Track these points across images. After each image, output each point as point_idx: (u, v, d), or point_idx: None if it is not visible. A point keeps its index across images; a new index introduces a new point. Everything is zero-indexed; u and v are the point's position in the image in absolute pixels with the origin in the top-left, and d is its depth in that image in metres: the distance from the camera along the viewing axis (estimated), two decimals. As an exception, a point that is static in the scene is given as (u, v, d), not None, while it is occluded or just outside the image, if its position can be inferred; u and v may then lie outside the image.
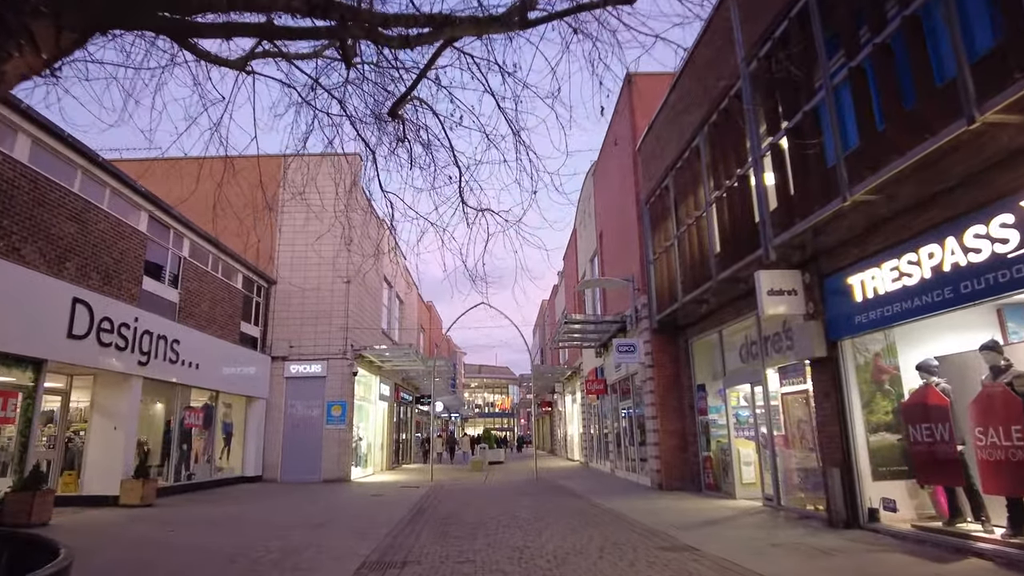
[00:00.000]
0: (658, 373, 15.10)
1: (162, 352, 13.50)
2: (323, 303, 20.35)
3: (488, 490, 16.13)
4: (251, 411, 18.93)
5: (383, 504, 13.00)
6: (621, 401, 19.01)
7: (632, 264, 16.74)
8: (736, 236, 10.62)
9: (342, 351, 19.96)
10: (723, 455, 13.21)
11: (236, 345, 17.83)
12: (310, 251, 20.68)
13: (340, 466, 19.14)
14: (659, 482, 14.65)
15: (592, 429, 25.31)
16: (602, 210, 21.54)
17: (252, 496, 14.67)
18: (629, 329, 16.17)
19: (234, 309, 17.90)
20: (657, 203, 15.02)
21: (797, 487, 10.25)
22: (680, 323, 14.76)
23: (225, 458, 18.03)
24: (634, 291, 16.13)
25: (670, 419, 14.87)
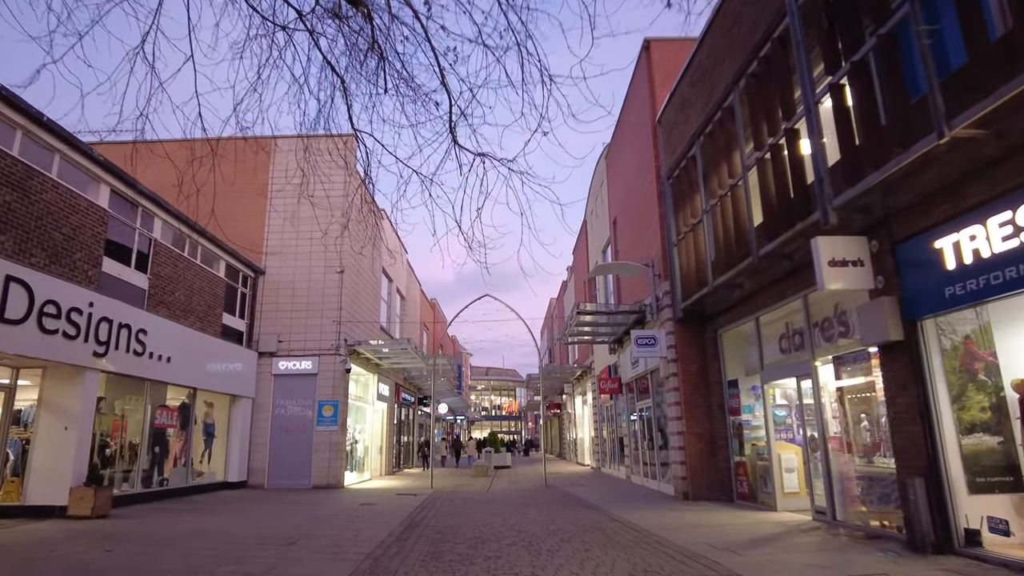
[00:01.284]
0: (683, 368, 13.47)
1: (124, 343, 12.00)
2: (315, 295, 18.83)
3: (492, 499, 14.52)
4: (235, 411, 17.42)
5: (373, 515, 11.43)
6: (638, 401, 17.36)
7: (651, 249, 15.13)
8: (783, 202, 9.00)
9: (335, 347, 18.43)
10: (760, 460, 11.55)
11: (217, 339, 16.33)
12: (301, 239, 19.24)
13: (332, 471, 17.59)
14: (684, 491, 13.00)
15: (604, 432, 23.65)
16: (616, 194, 19.93)
17: (228, 505, 13.13)
18: (649, 320, 14.54)
19: (215, 299, 16.41)
20: (681, 177, 13.41)
21: (858, 499, 8.59)
22: (708, 312, 13.13)
23: (206, 462, 16.51)
24: (654, 278, 14.51)
25: (696, 420, 13.23)
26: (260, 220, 19.47)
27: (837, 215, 7.64)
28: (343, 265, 18.99)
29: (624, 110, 18.21)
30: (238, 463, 17.09)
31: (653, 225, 15.02)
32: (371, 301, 22.00)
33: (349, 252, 19.30)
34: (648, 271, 14.54)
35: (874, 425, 8.20)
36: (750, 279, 10.78)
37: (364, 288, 21.05)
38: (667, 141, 14.34)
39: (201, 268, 15.74)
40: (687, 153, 12.90)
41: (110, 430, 12.50)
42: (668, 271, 14.01)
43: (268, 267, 19.06)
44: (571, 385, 33.07)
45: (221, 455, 17.01)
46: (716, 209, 11.42)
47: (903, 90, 6.59)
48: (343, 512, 11.95)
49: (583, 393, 29.86)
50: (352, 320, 19.33)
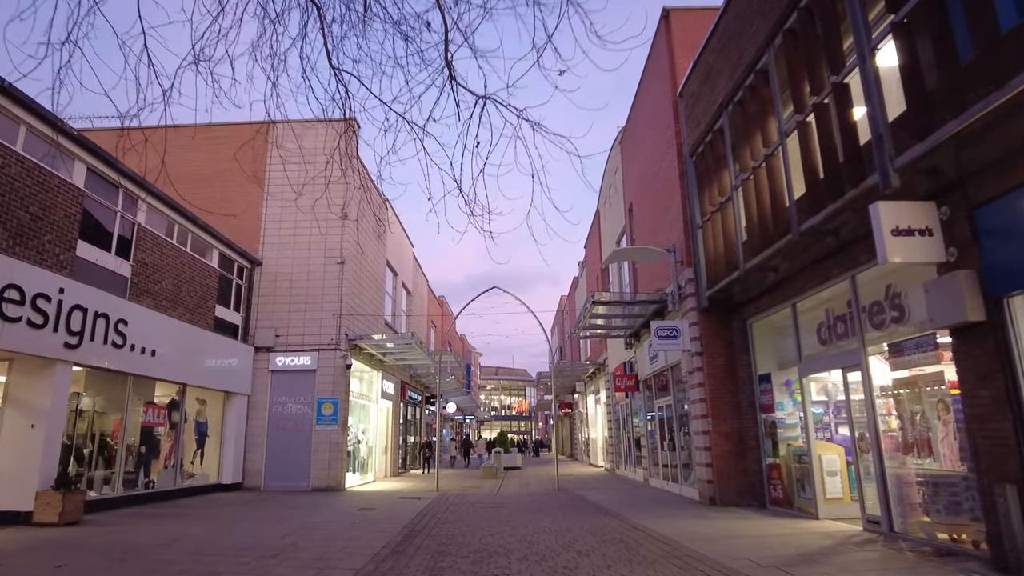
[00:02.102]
0: (708, 362, 12.36)
1: (101, 334, 11.07)
2: (314, 287, 17.88)
3: (501, 503, 13.48)
4: (230, 409, 16.49)
5: (370, 522, 10.42)
6: (657, 398, 16.25)
7: (672, 234, 14.03)
8: (830, 169, 7.90)
9: (335, 341, 17.46)
10: (797, 463, 10.43)
11: (210, 332, 15.40)
12: (300, 229, 18.29)
13: (332, 473, 16.62)
14: (710, 495, 11.90)
15: (619, 432, 22.54)
16: (632, 179, 18.83)
17: (217, 509, 12.18)
18: (670, 310, 13.45)
19: (207, 290, 15.48)
20: (706, 153, 12.31)
21: (920, 508, 7.47)
22: (736, 300, 12.03)
23: (198, 463, 15.59)
24: (676, 264, 13.41)
25: (723, 419, 12.12)
26: (257, 209, 18.55)
27: (899, 177, 6.55)
28: (344, 256, 18.02)
29: (641, 88, 17.11)
30: (232, 464, 16.15)
31: (674, 208, 13.93)
32: (374, 295, 21.04)
33: (351, 242, 18.34)
34: (669, 257, 13.44)
35: (941, 422, 7.08)
36: (787, 260, 9.68)
37: (367, 281, 20.08)
38: (689, 115, 13.24)
39: (191, 257, 14.82)
40: (713, 126, 11.80)
41: (89, 429, 11.57)
42: (691, 256, 12.92)
43: (265, 258, 18.14)
44: (583, 383, 31.97)
45: (214, 456, 16.09)
46: (748, 184, 10.32)
47: (991, 19, 5.49)
48: (339, 518, 10.95)
49: (596, 392, 28.76)
50: (353, 313, 18.35)
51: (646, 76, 16.51)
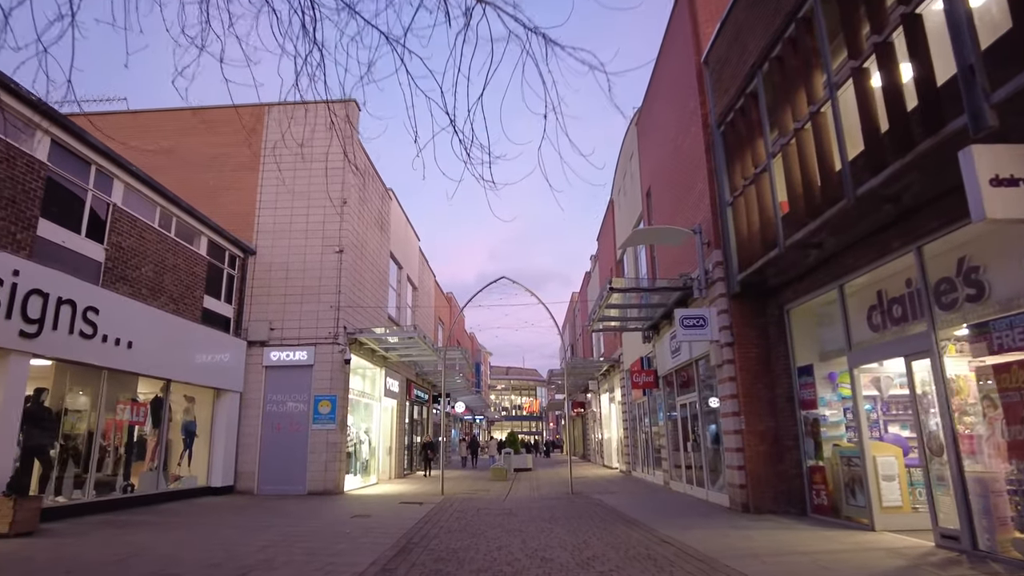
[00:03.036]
0: (740, 354, 11.13)
1: (66, 322, 10.01)
2: (311, 278, 16.80)
3: (510, 509, 12.31)
4: (220, 407, 15.43)
5: (363, 531, 9.29)
6: (679, 395, 15.01)
7: (696, 215, 12.81)
8: (897, 120, 6.65)
9: (333, 335, 16.36)
10: (846, 466, 9.17)
11: (198, 324, 14.36)
12: (296, 215, 17.23)
13: (329, 475, 15.51)
14: (742, 501, 10.67)
15: (636, 432, 21.30)
16: (650, 162, 17.61)
17: (199, 516, 11.10)
18: (696, 297, 12.22)
19: (194, 280, 14.42)
20: (736, 122, 11.09)
21: (1014, 522, 6.21)
22: (771, 284, 10.79)
23: (185, 465, 14.54)
24: (702, 246, 12.18)
25: (758, 416, 10.88)
26: (251, 195, 17.51)
27: (997, 114, 5.32)
28: (343, 244, 16.91)
29: (660, 61, 15.88)
30: (223, 466, 15.09)
31: (699, 186, 12.70)
32: (376, 287, 19.93)
33: (350, 231, 17.24)
34: (695, 238, 12.21)
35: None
36: (835, 234, 8.45)
37: (368, 272, 18.98)
38: (716, 82, 12.02)
39: (176, 243, 13.76)
40: (745, 89, 10.57)
41: (55, 428, 10.52)
42: (720, 237, 11.69)
43: (260, 247, 17.08)
44: (596, 382, 30.72)
45: (204, 457, 15.03)
46: (788, 150, 9.08)
47: None
48: (329, 527, 9.82)
49: (610, 390, 27.52)
50: (353, 306, 17.25)
51: (666, 46, 15.28)
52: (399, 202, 23.90)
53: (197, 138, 18.16)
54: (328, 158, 17.58)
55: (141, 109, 18.69)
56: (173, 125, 18.39)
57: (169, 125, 18.40)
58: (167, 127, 18.37)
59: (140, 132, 18.36)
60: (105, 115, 18.60)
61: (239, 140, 17.97)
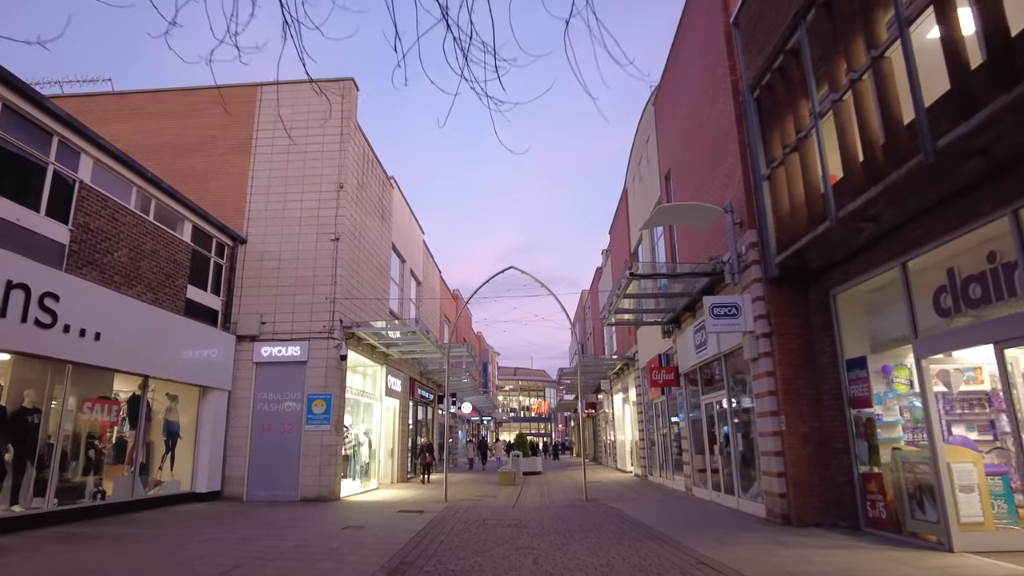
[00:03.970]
0: (779, 345, 9.88)
1: (17, 309, 8.89)
2: (305, 268, 15.66)
3: (519, 520, 11.12)
4: (207, 406, 14.31)
5: (351, 547, 8.11)
6: (704, 394, 13.75)
7: (725, 193, 11.58)
8: (995, 54, 5.42)
9: (328, 329, 15.21)
10: (910, 473, 7.90)
11: (180, 316, 13.24)
12: (290, 202, 16.12)
13: (324, 480, 14.36)
14: (782, 512, 9.41)
15: (654, 434, 20.03)
16: (670, 142, 16.37)
17: (171, 527, 9.96)
18: (728, 283, 10.97)
19: (176, 268, 13.31)
20: (773, 84, 9.86)
21: None
22: (815, 266, 9.53)
23: (168, 469, 13.42)
24: (733, 227, 10.94)
25: (800, 415, 9.63)
26: (242, 181, 16.41)
27: None
28: (339, 232, 15.77)
29: (681, 29, 14.64)
30: (209, 470, 13.96)
31: (728, 161, 11.47)
32: (376, 279, 18.78)
33: (347, 217, 16.10)
34: (725, 218, 10.97)
35: None
36: (898, 203, 7.21)
37: (366, 263, 17.84)
38: (748, 43, 10.78)
39: (156, 228, 12.65)
40: (784, 45, 9.33)
41: (13, 429, 9.40)
42: (755, 215, 10.45)
43: (251, 235, 15.96)
44: (608, 381, 29.46)
45: (188, 460, 13.91)
46: (842, 106, 7.84)
47: None
48: (316, 540, 8.64)
49: (623, 390, 26.25)
50: (351, 298, 16.10)
51: (688, 12, 14.03)
52: (401, 191, 22.76)
53: (185, 120, 17.09)
54: (324, 139, 16.48)
55: (126, 91, 17.64)
56: (160, 107, 17.33)
57: (156, 107, 17.34)
58: (154, 109, 17.31)
59: (125, 115, 17.33)
60: (89, 97, 17.57)
61: (229, 122, 16.89)
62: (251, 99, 17.08)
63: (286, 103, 16.94)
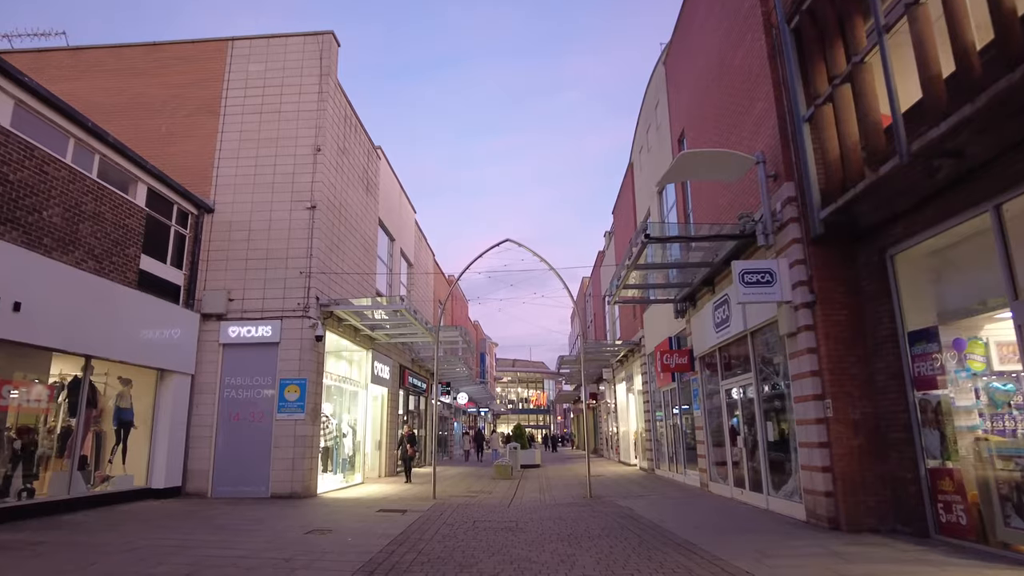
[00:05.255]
0: (823, 317, 8.33)
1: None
2: (277, 238, 14.08)
3: (515, 522, 9.60)
4: (165, 391, 12.76)
5: (308, 557, 6.59)
6: (724, 379, 12.22)
7: (754, 144, 10.01)
8: None
9: (303, 306, 13.65)
10: (1002, 469, 6.36)
11: (132, 290, 11.69)
12: (262, 166, 14.53)
13: (297, 475, 12.83)
14: (829, 514, 7.89)
15: (664, 424, 18.52)
16: (684, 100, 14.76)
17: (104, 531, 8.43)
18: (761, 244, 9.38)
19: (126, 235, 11.73)
20: (817, 7, 8.26)
21: None
22: (866, 221, 7.97)
23: (120, 462, 11.89)
24: (766, 181, 9.37)
25: (850, 399, 8.09)
26: (209, 144, 14.79)
27: None
28: (315, 199, 14.17)
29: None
30: (167, 463, 12.43)
31: (758, 106, 9.88)
32: (359, 255, 17.20)
33: (324, 183, 14.50)
34: (757, 169, 9.40)
35: None
36: (992, 128, 5.65)
37: (349, 236, 16.25)
38: (786, -36, 9.17)
39: (99, 187, 11.05)
40: (836, -47, 7.73)
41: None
42: (792, 166, 8.88)
43: (218, 203, 14.36)
44: (611, 370, 27.94)
45: (143, 452, 12.37)
46: (919, 10, 6.24)
47: None
48: (268, 549, 7.11)
49: (627, 378, 24.72)
50: (328, 272, 14.52)
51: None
52: (390, 164, 21.14)
53: (148, 78, 15.47)
54: (300, 97, 14.86)
55: (83, 46, 15.99)
56: (121, 64, 15.70)
57: (116, 64, 15.70)
58: (113, 66, 15.67)
59: (82, 72, 15.69)
60: (42, 52, 15.92)
61: (196, 80, 15.27)
62: (220, 55, 15.45)
63: (259, 59, 15.32)
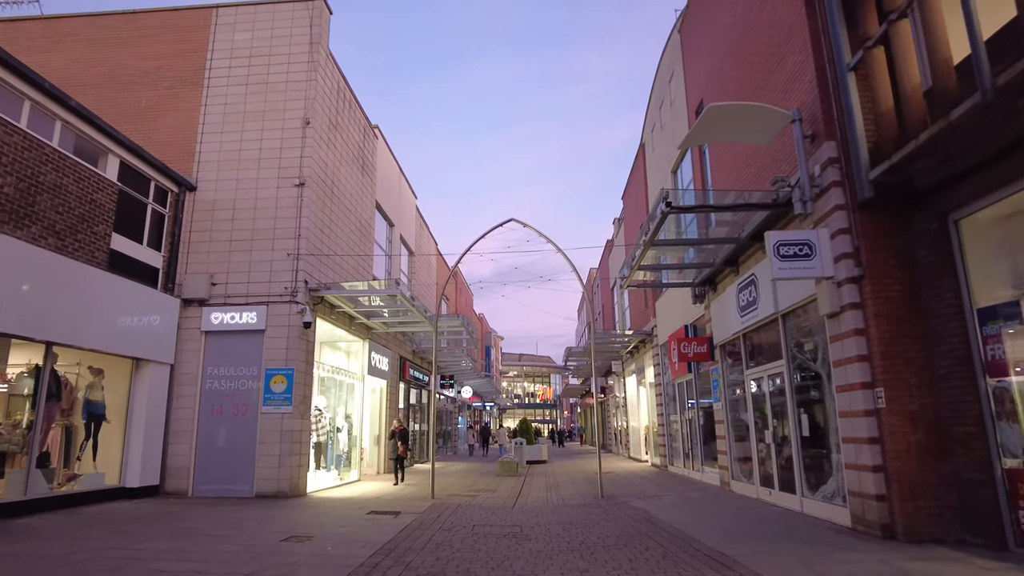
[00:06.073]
0: (873, 293, 7.24)
1: None
2: (264, 218, 13.07)
3: (520, 527, 8.59)
4: (141, 382, 11.79)
5: (277, 570, 5.58)
6: (751, 367, 11.13)
7: (788, 101, 8.89)
8: None
9: (290, 291, 12.65)
10: (1105, 469, 5.27)
11: (101, 271, 10.71)
12: (248, 141, 13.53)
13: (284, 472, 11.85)
14: (882, 520, 6.82)
15: (678, 418, 17.44)
16: (702, 65, 13.63)
17: (49, 539, 7.48)
18: (799, 212, 8.27)
19: (95, 211, 10.74)
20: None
21: None
22: (923, 181, 6.86)
23: (90, 459, 10.94)
24: (802, 140, 8.26)
25: (906, 388, 7.01)
26: (192, 118, 13.78)
27: None
28: (304, 176, 13.15)
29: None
30: (143, 460, 11.47)
31: (792, 60, 8.77)
32: (355, 239, 16.18)
33: (314, 159, 13.47)
34: (793, 128, 8.30)
35: None
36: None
37: (342, 217, 15.23)
38: None
39: (61, 156, 10.06)
40: None
41: None
42: (834, 123, 7.77)
43: (201, 181, 13.36)
44: (620, 362, 26.88)
45: (116, 448, 11.42)
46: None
47: None
48: (228, 561, 6.11)
49: (637, 371, 23.65)
50: (318, 254, 13.50)
51: None
52: (388, 145, 20.09)
53: (127, 49, 14.47)
54: (289, 67, 13.84)
55: (58, 14, 15.01)
56: (98, 33, 14.71)
57: (93, 33, 14.71)
58: (90, 35, 14.68)
59: (57, 42, 14.72)
60: (13, 22, 14.95)
61: (179, 51, 14.27)
62: (204, 24, 14.43)
63: (245, 27, 14.29)
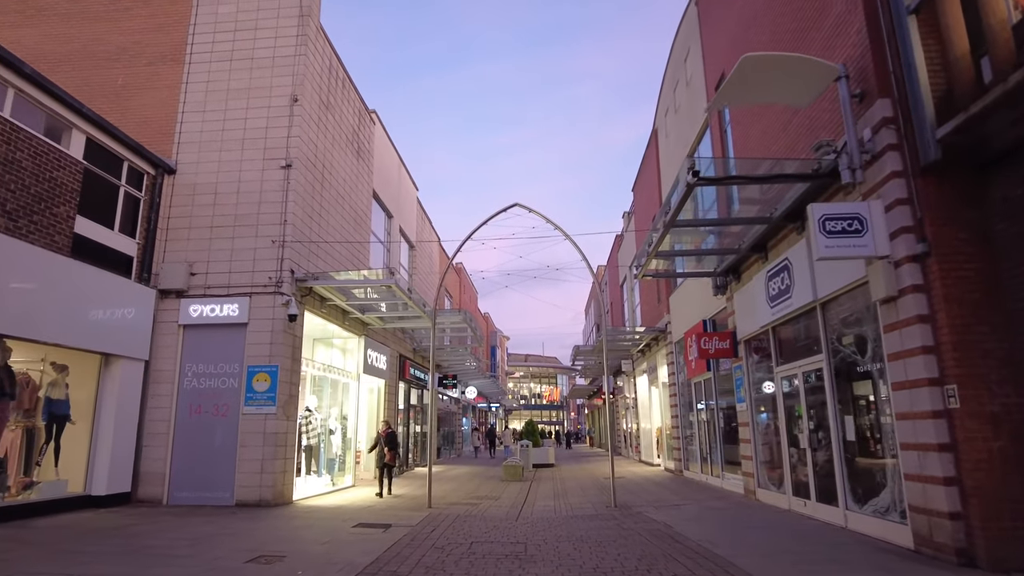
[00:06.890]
0: (942, 273, 6.14)
1: None
2: (247, 202, 12.07)
3: (524, 546, 7.53)
4: (110, 380, 10.80)
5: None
6: (781, 364, 10.02)
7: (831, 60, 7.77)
8: None
9: (275, 281, 11.63)
10: None
11: (63, 257, 9.72)
12: (231, 120, 12.54)
13: (267, 478, 10.83)
14: (957, 544, 5.72)
15: (694, 420, 16.32)
16: (724, 34, 12.51)
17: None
18: (847, 181, 7.13)
19: (55, 191, 9.75)
20: None
21: None
22: (1003, 141, 5.75)
23: (51, 465, 9.95)
24: (849, 100, 7.15)
25: (984, 385, 5.90)
26: (172, 96, 12.81)
27: None
28: (291, 157, 12.14)
29: None
30: (112, 465, 10.47)
31: (834, 12, 7.68)
32: (349, 228, 15.16)
33: (302, 139, 12.46)
34: (838, 87, 7.19)
35: None
36: None
37: (335, 204, 14.22)
38: None
39: (15, 128, 9.07)
40: None
41: None
42: (890, 77, 6.67)
43: (181, 163, 12.38)
44: (631, 361, 25.76)
45: (82, 452, 10.42)
46: None
47: None
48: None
49: (649, 370, 22.52)
50: (307, 242, 12.49)
51: None
52: (386, 131, 19.07)
53: (104, 24, 13.54)
54: (276, 41, 12.85)
55: (31, -12, 14.07)
56: (73, 7, 13.77)
57: (68, 7, 13.78)
58: (65, 10, 13.75)
59: (30, 17, 13.79)
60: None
61: (158, 25, 13.31)
62: None
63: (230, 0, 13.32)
